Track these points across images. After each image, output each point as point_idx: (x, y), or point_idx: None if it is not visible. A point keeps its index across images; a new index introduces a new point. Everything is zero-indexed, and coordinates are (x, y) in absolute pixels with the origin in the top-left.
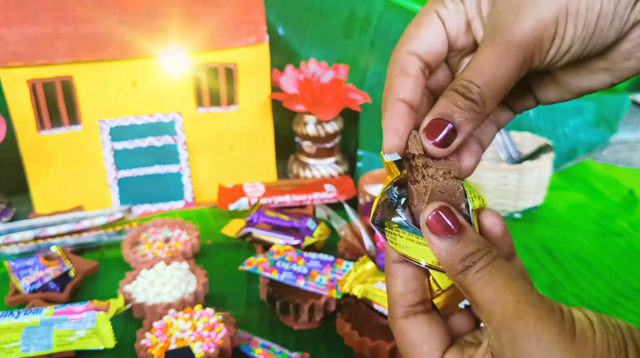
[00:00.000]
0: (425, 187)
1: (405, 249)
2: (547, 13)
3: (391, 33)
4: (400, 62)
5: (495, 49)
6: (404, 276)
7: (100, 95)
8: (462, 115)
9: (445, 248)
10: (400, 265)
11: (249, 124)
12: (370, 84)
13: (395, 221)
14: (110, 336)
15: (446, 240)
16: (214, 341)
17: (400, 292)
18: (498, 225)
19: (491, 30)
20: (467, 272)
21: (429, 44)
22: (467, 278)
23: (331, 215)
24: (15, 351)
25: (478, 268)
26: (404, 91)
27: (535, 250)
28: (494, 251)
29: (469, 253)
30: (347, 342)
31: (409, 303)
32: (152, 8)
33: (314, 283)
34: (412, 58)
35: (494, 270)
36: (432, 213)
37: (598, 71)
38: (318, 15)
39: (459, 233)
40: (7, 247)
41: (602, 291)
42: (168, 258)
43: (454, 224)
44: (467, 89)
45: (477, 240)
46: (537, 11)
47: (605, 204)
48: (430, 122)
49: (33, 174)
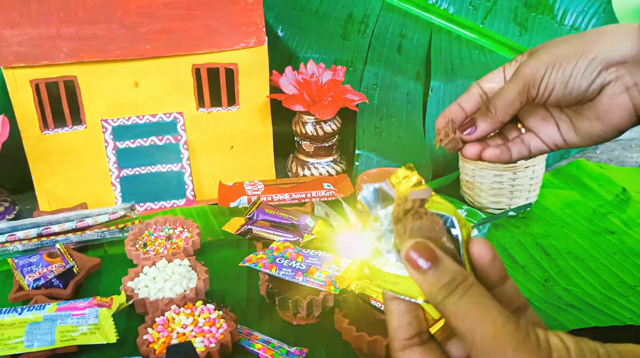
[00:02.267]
0: (405, 227)
1: (394, 286)
2: (540, 63)
3: (388, 35)
4: (470, 88)
5: (508, 83)
6: (398, 310)
7: (103, 95)
8: (481, 119)
9: (425, 280)
10: (394, 301)
11: (249, 123)
12: (367, 84)
13: (382, 260)
14: (113, 331)
15: (424, 273)
16: (215, 336)
17: (396, 326)
18: (486, 252)
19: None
20: (446, 303)
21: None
22: (446, 308)
23: (329, 213)
24: (19, 347)
25: (455, 299)
26: (461, 99)
27: (530, 247)
28: (469, 279)
29: (445, 282)
30: (345, 337)
31: (405, 337)
32: (154, 10)
33: (313, 279)
34: (477, 87)
35: (470, 300)
36: (409, 249)
37: (592, 118)
38: (316, 17)
39: (434, 264)
40: (11, 245)
41: (595, 288)
42: (170, 255)
43: (429, 257)
44: (486, 105)
45: (452, 269)
46: (535, 61)
47: (599, 203)
48: (465, 120)
49: (37, 172)
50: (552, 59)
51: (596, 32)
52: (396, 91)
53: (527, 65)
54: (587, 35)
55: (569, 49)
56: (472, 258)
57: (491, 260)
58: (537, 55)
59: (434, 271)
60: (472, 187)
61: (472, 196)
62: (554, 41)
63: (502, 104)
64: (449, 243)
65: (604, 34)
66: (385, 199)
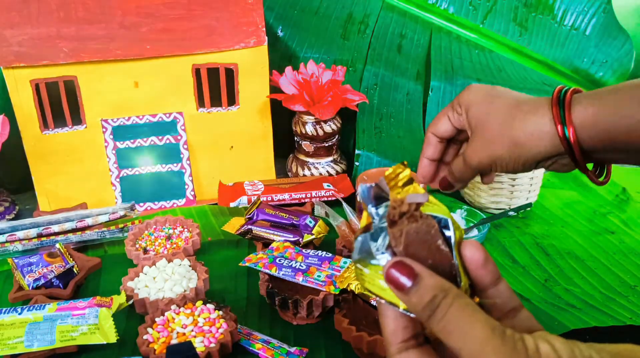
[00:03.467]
0: (400, 230)
1: (382, 291)
2: (483, 162)
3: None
4: (427, 137)
5: (463, 164)
6: (393, 314)
7: (103, 95)
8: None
9: (408, 299)
10: (388, 305)
11: (248, 123)
12: (367, 84)
13: (373, 263)
14: (113, 331)
15: (406, 292)
16: (215, 336)
17: (392, 330)
18: (478, 255)
19: (464, 153)
20: (432, 320)
21: (443, 129)
22: (433, 325)
23: (329, 213)
24: (19, 347)
25: (440, 315)
26: (430, 153)
27: (530, 247)
28: (451, 293)
29: (427, 300)
30: (345, 336)
31: (401, 340)
32: (154, 10)
33: (313, 279)
34: (434, 137)
35: (454, 316)
36: (389, 268)
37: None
38: (316, 17)
39: (415, 283)
40: (11, 245)
41: (595, 287)
42: (169, 255)
43: (408, 276)
44: (453, 175)
45: (434, 286)
46: (478, 158)
47: (599, 203)
48: (443, 178)
49: (37, 172)
50: (491, 158)
51: (516, 135)
52: (396, 91)
53: (476, 157)
54: (511, 132)
55: (502, 150)
56: (465, 260)
57: (483, 262)
58: (474, 146)
59: (415, 290)
60: (472, 187)
61: (472, 196)
62: (493, 127)
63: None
64: (443, 246)
65: (523, 139)
66: (379, 198)
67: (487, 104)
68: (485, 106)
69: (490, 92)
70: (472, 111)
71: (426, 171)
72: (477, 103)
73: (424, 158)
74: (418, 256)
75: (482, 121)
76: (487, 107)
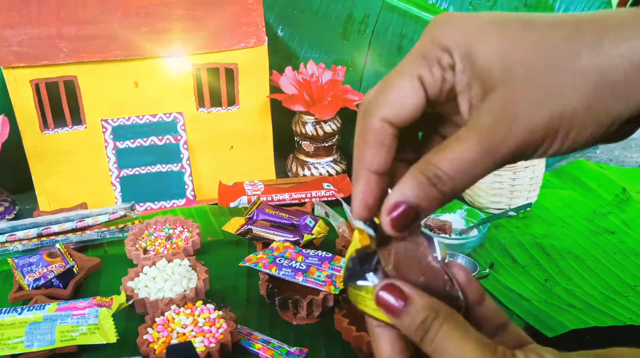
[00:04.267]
0: (389, 250)
1: (375, 312)
2: (539, 129)
3: (388, 34)
4: (374, 129)
5: (481, 149)
6: (390, 338)
7: (103, 95)
8: (429, 204)
9: (400, 322)
10: (384, 328)
11: (248, 123)
12: (367, 84)
13: (362, 284)
14: (113, 331)
15: (397, 315)
16: (215, 336)
17: (389, 354)
18: (461, 274)
19: (480, 128)
20: (424, 341)
21: (408, 112)
22: (426, 346)
23: (329, 213)
24: (19, 346)
25: (432, 336)
26: (377, 161)
27: (530, 247)
28: (442, 313)
29: (419, 322)
30: (345, 336)
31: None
32: (154, 10)
33: (313, 279)
34: (386, 126)
35: (445, 337)
36: (378, 291)
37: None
38: (316, 17)
39: (406, 305)
40: (11, 245)
41: (595, 287)
42: (170, 255)
43: (398, 299)
44: (439, 179)
45: (424, 306)
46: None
47: (599, 202)
48: (393, 204)
49: (37, 172)
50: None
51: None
52: None
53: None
54: (597, 63)
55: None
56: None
57: (466, 282)
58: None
59: (406, 312)
60: (472, 187)
61: (472, 196)
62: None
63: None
64: (434, 262)
65: (623, 70)
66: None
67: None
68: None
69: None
70: (482, 53)
71: (369, 197)
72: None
73: (362, 170)
74: (409, 275)
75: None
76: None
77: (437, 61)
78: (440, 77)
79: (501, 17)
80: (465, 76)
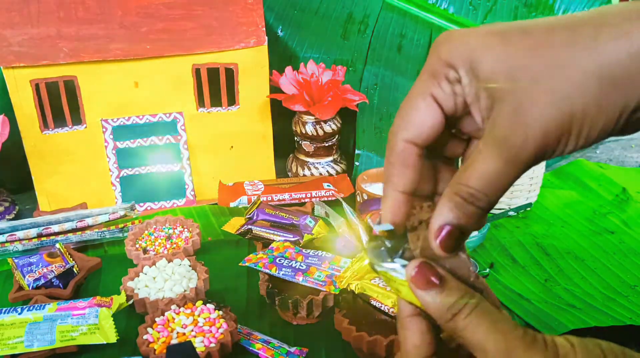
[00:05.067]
0: (418, 235)
1: (405, 294)
2: (553, 131)
3: (388, 34)
4: (397, 152)
5: (503, 161)
6: (420, 329)
7: (103, 95)
8: (471, 221)
9: (432, 300)
10: (416, 319)
11: (248, 123)
12: (367, 84)
13: (387, 267)
14: (113, 331)
15: (430, 293)
16: (215, 336)
17: (416, 344)
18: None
19: (497, 140)
20: (456, 319)
21: (428, 130)
22: (457, 324)
23: (329, 213)
24: (19, 346)
25: (465, 314)
26: (403, 182)
27: (530, 247)
28: (476, 296)
29: (454, 301)
30: (345, 336)
31: (424, 355)
32: (154, 10)
33: (313, 279)
34: (410, 147)
35: (480, 314)
36: (414, 270)
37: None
38: (316, 17)
39: (441, 284)
40: (11, 244)
41: (595, 287)
42: (170, 255)
43: (434, 277)
44: (474, 197)
45: (459, 288)
46: (542, 126)
47: (599, 202)
48: (438, 228)
49: (37, 172)
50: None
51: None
52: (396, 91)
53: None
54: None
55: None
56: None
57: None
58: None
59: (441, 291)
60: None
61: None
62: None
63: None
64: (460, 252)
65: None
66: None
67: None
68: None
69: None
70: (485, 64)
71: (397, 216)
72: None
73: (391, 190)
74: (435, 260)
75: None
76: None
77: (444, 77)
78: (451, 92)
79: (500, 27)
80: (472, 88)
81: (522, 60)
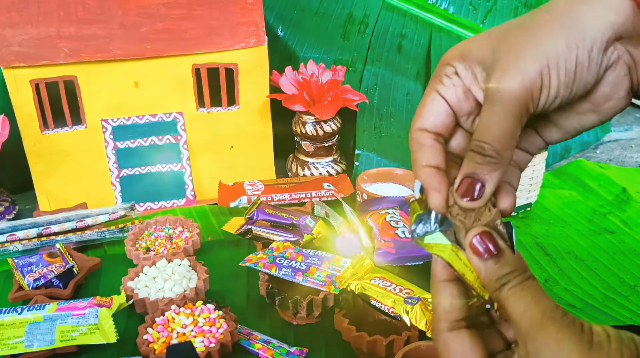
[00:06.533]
0: (462, 222)
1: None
2: (531, 70)
3: (388, 34)
4: (415, 138)
5: (494, 109)
6: (452, 294)
7: (103, 95)
8: (484, 169)
9: (485, 268)
10: (449, 283)
11: (248, 123)
12: (367, 84)
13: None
14: (113, 331)
15: (486, 261)
16: (215, 336)
17: (447, 308)
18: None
19: (488, 94)
20: (502, 289)
21: (434, 118)
22: (501, 294)
23: (329, 213)
24: (19, 346)
25: (510, 286)
26: (426, 158)
27: (530, 247)
28: (527, 273)
29: (505, 273)
30: (345, 336)
31: (455, 319)
32: (154, 10)
33: (313, 279)
34: (423, 133)
35: (525, 288)
36: (475, 237)
37: (585, 112)
38: (316, 17)
39: (498, 255)
40: (11, 244)
41: (595, 287)
42: (170, 255)
43: (494, 247)
44: (480, 148)
45: (513, 262)
46: (521, 70)
47: (599, 202)
48: (460, 181)
49: (37, 172)
50: (543, 61)
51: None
52: (396, 91)
53: (510, 78)
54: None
55: (555, 40)
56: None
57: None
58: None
59: (496, 262)
60: None
61: None
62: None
63: (503, 139)
64: (501, 227)
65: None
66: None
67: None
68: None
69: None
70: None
71: (437, 182)
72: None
73: (423, 167)
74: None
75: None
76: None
77: (444, 74)
78: (451, 84)
79: (491, 31)
80: (468, 71)
81: (502, 37)
